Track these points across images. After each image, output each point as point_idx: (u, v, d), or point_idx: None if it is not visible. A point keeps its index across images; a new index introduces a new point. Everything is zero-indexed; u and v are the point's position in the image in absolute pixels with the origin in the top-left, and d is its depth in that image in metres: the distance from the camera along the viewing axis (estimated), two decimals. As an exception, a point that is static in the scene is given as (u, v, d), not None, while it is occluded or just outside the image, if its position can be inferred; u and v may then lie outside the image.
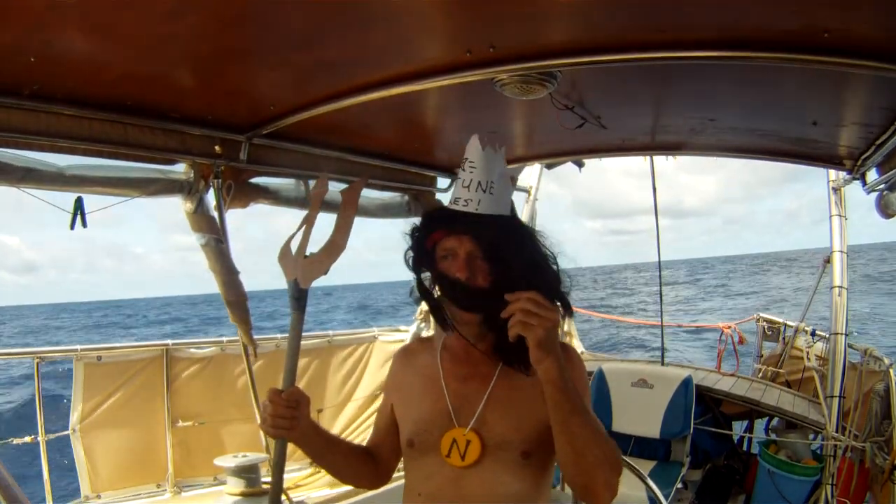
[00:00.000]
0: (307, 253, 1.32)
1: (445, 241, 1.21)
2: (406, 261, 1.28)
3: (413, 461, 1.28)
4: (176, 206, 2.45)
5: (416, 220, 1.30)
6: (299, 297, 1.29)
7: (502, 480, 1.18)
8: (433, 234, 1.23)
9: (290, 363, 1.29)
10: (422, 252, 1.26)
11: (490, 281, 1.16)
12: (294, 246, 1.34)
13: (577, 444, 1.07)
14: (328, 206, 1.40)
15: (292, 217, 2.60)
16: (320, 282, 1.32)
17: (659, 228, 5.26)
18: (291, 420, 1.20)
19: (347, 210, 1.34)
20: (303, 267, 1.29)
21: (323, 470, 1.34)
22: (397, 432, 1.35)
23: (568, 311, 1.22)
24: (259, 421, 1.22)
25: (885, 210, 2.35)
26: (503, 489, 1.18)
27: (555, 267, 1.23)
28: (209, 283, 2.66)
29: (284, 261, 1.31)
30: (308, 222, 1.37)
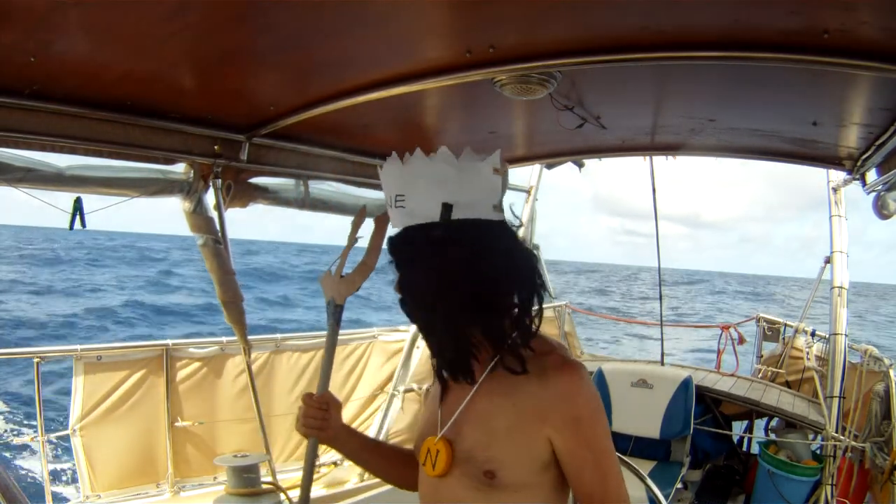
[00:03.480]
0: (343, 273, 1.46)
1: None
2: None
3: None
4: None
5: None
6: (336, 312, 1.46)
7: (468, 496, 1.10)
8: None
9: (325, 369, 1.44)
10: None
11: (404, 296, 1.14)
12: (333, 268, 1.49)
13: None
14: (327, 207, 1.44)
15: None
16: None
17: (658, 230, 5.26)
18: (322, 421, 1.30)
19: (378, 235, 1.44)
20: (338, 286, 1.44)
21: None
22: None
23: (525, 338, 1.09)
24: (295, 422, 1.35)
25: (881, 210, 2.35)
26: None
27: (526, 271, 1.11)
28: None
29: (325, 282, 1.46)
30: (346, 247, 1.50)
